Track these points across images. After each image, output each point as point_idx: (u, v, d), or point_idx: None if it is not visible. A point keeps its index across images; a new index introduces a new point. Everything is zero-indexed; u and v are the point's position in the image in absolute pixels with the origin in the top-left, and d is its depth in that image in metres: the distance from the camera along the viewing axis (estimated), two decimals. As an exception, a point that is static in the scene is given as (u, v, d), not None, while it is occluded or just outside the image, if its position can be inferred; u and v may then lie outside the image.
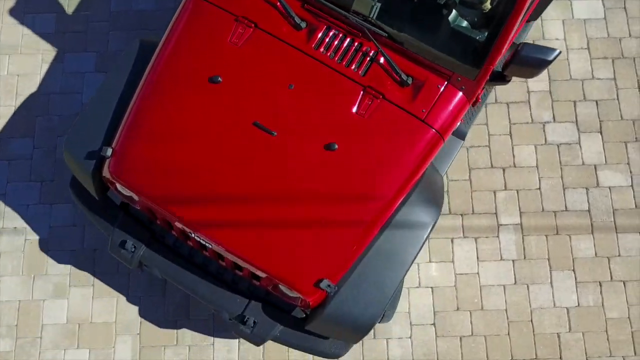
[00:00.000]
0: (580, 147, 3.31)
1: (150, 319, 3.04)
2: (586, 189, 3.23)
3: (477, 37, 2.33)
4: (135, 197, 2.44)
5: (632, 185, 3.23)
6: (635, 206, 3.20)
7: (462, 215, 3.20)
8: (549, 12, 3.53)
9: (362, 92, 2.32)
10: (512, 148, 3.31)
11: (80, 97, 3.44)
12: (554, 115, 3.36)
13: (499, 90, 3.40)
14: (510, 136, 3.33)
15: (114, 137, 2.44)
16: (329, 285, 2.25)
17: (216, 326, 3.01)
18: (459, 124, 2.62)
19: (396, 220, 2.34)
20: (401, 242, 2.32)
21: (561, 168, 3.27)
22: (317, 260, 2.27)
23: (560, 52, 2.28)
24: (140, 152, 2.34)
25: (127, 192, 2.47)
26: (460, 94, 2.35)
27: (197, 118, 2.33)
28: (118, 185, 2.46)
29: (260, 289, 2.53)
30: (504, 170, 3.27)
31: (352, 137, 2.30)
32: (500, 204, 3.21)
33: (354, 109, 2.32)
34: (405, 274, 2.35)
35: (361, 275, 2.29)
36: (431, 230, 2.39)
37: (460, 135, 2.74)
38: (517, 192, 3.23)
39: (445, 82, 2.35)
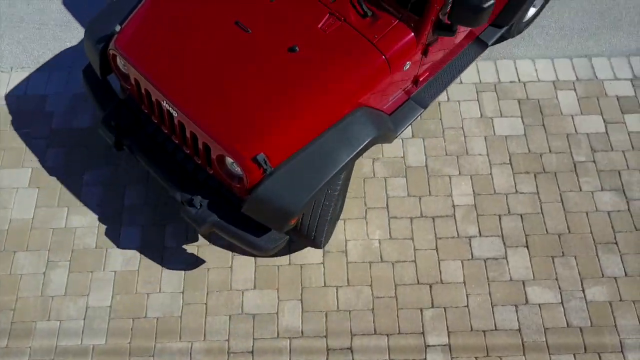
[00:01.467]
0: (507, 262, 3.26)
1: None
2: (515, 306, 3.13)
3: None
4: (129, 74, 2.90)
5: (562, 302, 3.14)
6: (567, 325, 3.08)
7: (387, 335, 3.06)
8: (472, 128, 3.67)
9: (328, 14, 2.82)
10: (439, 263, 3.26)
11: (9, 212, 3.45)
12: (479, 229, 3.35)
13: (425, 204, 3.42)
14: (437, 251, 3.29)
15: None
16: (265, 161, 2.58)
17: None
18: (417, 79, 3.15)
19: (339, 127, 2.72)
20: (339, 146, 2.68)
21: (489, 284, 3.19)
22: (261, 139, 2.62)
23: (493, 4, 2.65)
24: (141, 32, 2.86)
25: (123, 67, 2.96)
26: (410, 33, 2.83)
27: (194, 13, 2.88)
28: (118, 61, 2.95)
29: (214, 181, 2.88)
30: (430, 286, 3.19)
31: (312, 45, 2.77)
32: (427, 322, 3.09)
33: (319, 25, 2.81)
34: (334, 176, 2.65)
35: (296, 165, 2.64)
36: (365, 146, 2.73)
37: (422, 103, 3.26)
38: (445, 310, 3.13)
39: (398, 19, 2.83)
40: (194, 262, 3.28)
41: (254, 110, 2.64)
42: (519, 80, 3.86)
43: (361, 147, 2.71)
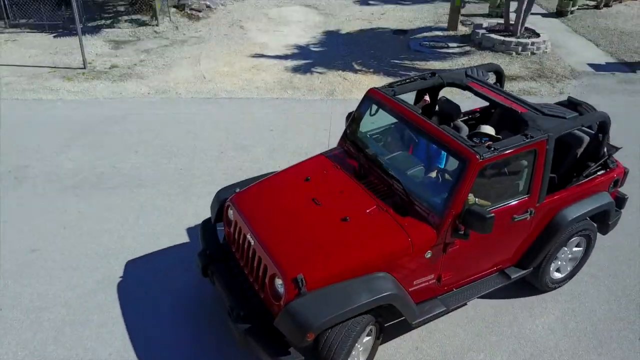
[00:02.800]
0: None
1: None
2: None
3: (443, 198, 3.96)
4: (233, 219, 4.30)
5: None
6: None
7: None
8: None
9: (376, 205, 4.10)
10: None
11: None
12: None
13: None
14: None
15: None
16: (302, 281, 3.52)
17: None
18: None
19: (366, 278, 3.68)
20: (362, 289, 3.60)
21: None
22: (303, 266, 3.65)
23: (493, 217, 3.60)
24: (250, 195, 4.37)
25: (231, 215, 4.35)
26: (432, 229, 3.92)
27: (289, 191, 4.39)
28: (229, 211, 4.38)
29: (262, 306, 3.88)
30: None
31: (360, 220, 3.98)
32: None
33: (368, 211, 4.05)
34: (352, 310, 3.49)
35: (324, 294, 3.55)
36: (383, 297, 3.61)
37: (446, 304, 4.25)
38: None
39: (424, 218, 3.96)
40: None
41: (307, 249, 3.78)
42: None
43: (380, 296, 3.60)
